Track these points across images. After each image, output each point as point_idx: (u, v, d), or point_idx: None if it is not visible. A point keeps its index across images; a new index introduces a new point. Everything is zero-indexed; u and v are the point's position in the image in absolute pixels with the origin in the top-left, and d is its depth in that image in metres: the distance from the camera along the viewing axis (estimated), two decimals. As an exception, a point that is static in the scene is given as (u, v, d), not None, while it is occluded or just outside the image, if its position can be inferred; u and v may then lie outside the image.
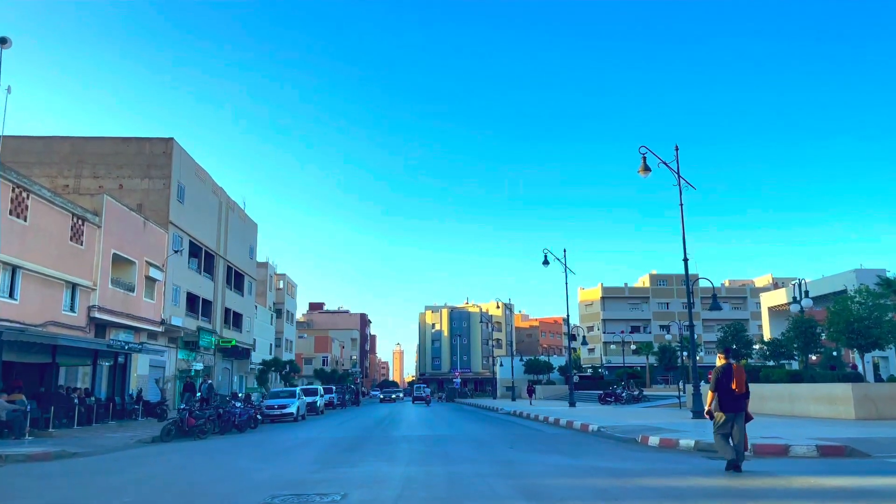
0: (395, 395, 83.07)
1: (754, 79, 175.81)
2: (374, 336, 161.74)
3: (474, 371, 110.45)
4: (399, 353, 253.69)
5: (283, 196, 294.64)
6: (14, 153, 33.26)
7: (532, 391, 47.93)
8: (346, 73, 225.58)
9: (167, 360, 35.68)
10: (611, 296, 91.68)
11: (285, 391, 34.21)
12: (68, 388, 24.29)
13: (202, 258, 41.00)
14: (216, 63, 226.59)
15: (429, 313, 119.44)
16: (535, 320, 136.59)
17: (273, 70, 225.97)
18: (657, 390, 52.74)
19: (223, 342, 43.69)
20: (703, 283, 28.52)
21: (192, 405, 21.01)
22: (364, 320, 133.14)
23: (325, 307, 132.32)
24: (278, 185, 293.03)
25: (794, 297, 29.50)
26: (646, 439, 14.44)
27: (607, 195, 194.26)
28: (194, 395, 26.26)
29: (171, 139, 36.85)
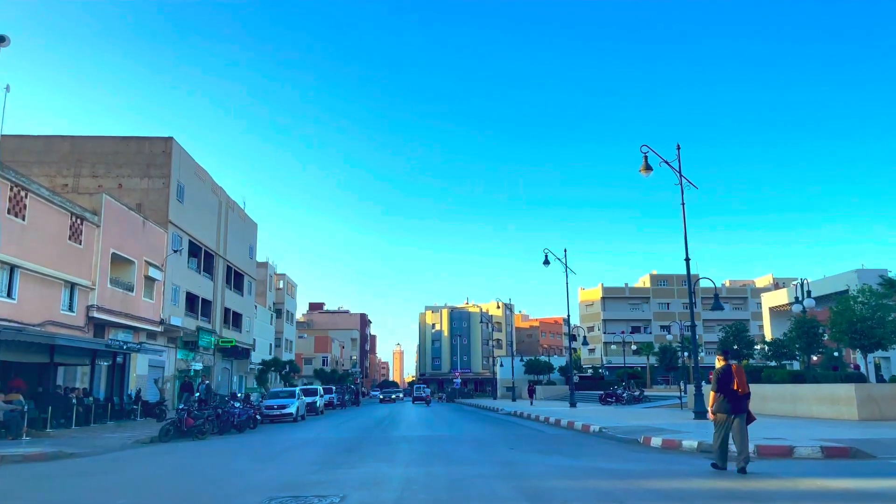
0: (394, 395, 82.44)
1: (755, 79, 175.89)
2: (374, 336, 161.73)
3: (474, 371, 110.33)
4: (399, 353, 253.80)
5: (283, 196, 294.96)
6: (13, 152, 33.16)
7: (533, 391, 47.72)
8: (346, 73, 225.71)
9: (166, 360, 35.55)
10: (611, 296, 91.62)
11: (285, 391, 34.09)
12: (66, 388, 24.17)
13: (202, 258, 40.88)
14: (216, 62, 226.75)
15: (429, 313, 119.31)
16: (536, 320, 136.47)
17: (273, 70, 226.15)
18: (658, 391, 52.68)
19: (223, 342, 43.58)
20: (705, 283, 28.36)
21: (191, 405, 20.89)
22: (364, 320, 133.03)
23: (325, 307, 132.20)
24: (278, 185, 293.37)
25: (796, 297, 29.37)
26: (648, 440, 14.31)
27: (607, 195, 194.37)
28: (192, 394, 26.13)
29: (170, 138, 36.72)
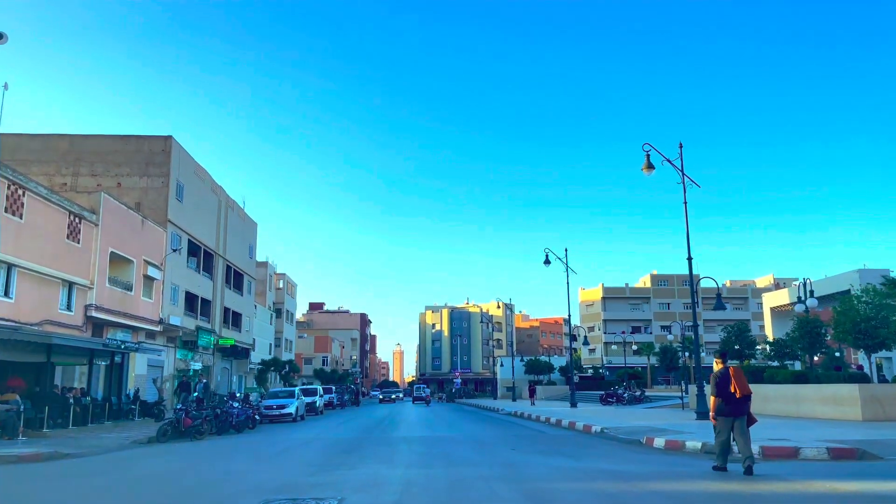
0: (394, 395, 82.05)
1: (754, 80, 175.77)
2: (374, 336, 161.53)
3: (475, 371, 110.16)
4: (399, 353, 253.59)
5: (283, 196, 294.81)
6: (11, 151, 33.03)
7: (534, 392, 47.45)
8: (347, 73, 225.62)
9: (165, 360, 35.38)
10: (611, 296, 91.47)
11: (284, 391, 33.92)
12: (64, 388, 23.99)
13: (201, 257, 40.71)
14: (216, 62, 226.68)
15: (429, 313, 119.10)
16: (536, 320, 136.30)
17: (273, 69, 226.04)
18: (658, 391, 52.54)
19: (222, 342, 43.42)
20: (705, 283, 28.17)
21: (189, 405, 20.71)
22: (364, 320, 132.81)
23: (325, 307, 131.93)
24: (278, 185, 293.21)
25: (798, 297, 29.19)
26: (651, 441, 14.13)
27: (608, 195, 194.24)
28: (190, 394, 25.93)
29: (169, 137, 36.55)
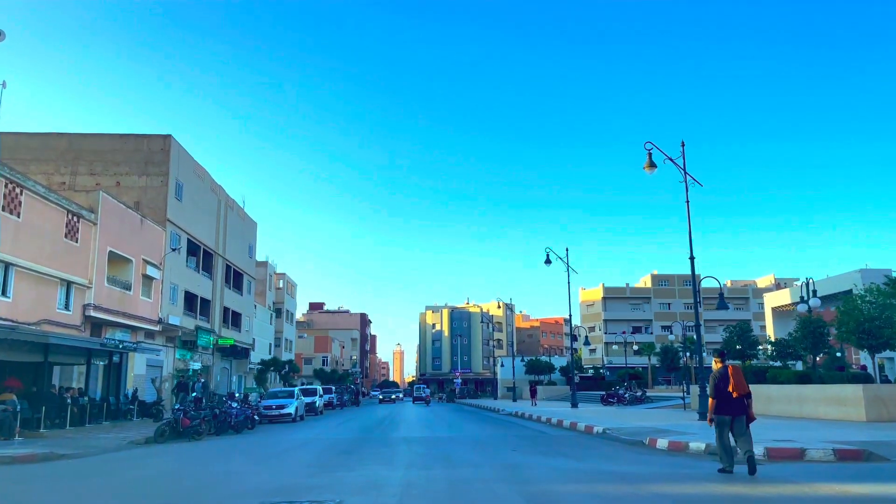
0: (394, 395, 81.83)
1: (756, 80, 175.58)
2: (374, 336, 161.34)
3: (475, 371, 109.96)
4: (399, 353, 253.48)
5: (283, 196, 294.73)
6: (10, 150, 32.87)
7: (535, 392, 47.16)
8: (347, 72, 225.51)
9: (164, 360, 35.20)
10: (612, 296, 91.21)
11: (283, 391, 33.76)
12: (61, 388, 23.82)
13: (200, 257, 40.53)
14: (216, 61, 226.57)
15: (429, 313, 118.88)
16: (536, 321, 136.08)
17: (273, 69, 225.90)
18: (659, 391, 52.31)
19: (221, 342, 43.23)
20: (707, 282, 27.93)
21: (187, 405, 20.53)
22: (364, 320, 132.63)
23: (325, 307, 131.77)
24: (278, 185, 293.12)
25: (801, 297, 29.03)
26: (654, 442, 13.97)
27: (608, 195, 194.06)
28: (188, 394, 25.75)
29: (168, 136, 36.37)
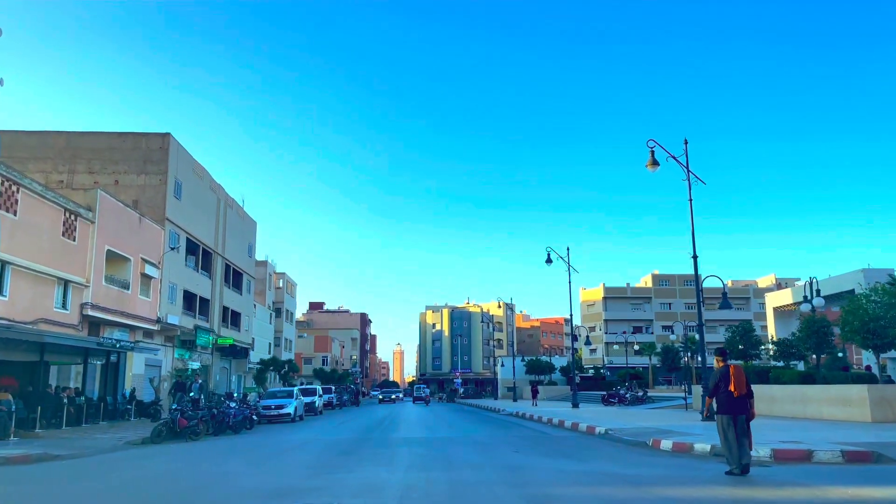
0: (394, 395, 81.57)
1: (759, 80, 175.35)
2: (374, 336, 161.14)
3: (475, 371, 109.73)
4: (399, 353, 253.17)
5: (282, 196, 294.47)
6: (7, 148, 32.67)
7: (536, 392, 46.83)
8: (347, 72, 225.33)
9: (163, 360, 34.99)
10: (613, 296, 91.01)
11: (283, 391, 33.54)
12: (58, 388, 23.62)
13: (199, 256, 40.31)
14: (215, 60, 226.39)
15: (429, 313, 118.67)
16: (537, 320, 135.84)
17: (273, 69, 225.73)
18: (660, 391, 52.10)
19: (221, 341, 43.01)
20: (709, 282, 27.69)
21: (185, 405, 20.32)
22: (364, 320, 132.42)
23: (325, 307, 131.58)
24: (278, 185, 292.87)
25: (804, 297, 28.84)
26: (657, 443, 13.75)
27: (609, 195, 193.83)
28: (185, 394, 25.53)
29: (167, 134, 36.15)
